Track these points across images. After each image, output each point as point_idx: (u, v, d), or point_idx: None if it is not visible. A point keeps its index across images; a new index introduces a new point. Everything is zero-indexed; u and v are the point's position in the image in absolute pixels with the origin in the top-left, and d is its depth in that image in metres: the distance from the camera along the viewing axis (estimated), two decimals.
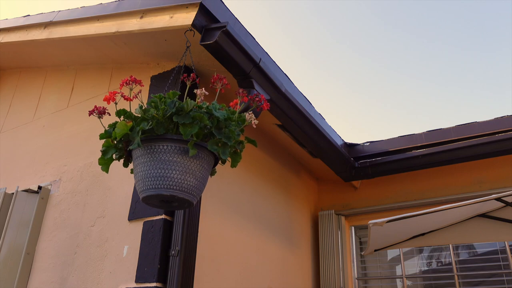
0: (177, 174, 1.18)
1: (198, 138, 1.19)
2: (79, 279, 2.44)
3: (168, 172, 1.18)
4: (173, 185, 1.17)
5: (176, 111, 1.19)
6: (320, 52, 15.43)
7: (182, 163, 1.19)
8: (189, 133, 1.16)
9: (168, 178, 1.18)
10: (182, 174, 1.19)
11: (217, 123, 1.22)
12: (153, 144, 1.20)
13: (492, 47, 12.73)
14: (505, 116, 3.34)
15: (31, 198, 2.87)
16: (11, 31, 3.39)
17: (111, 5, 2.70)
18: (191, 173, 1.20)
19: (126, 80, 1.29)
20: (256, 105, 1.33)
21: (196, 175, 1.21)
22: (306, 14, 13.84)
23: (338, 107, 16.07)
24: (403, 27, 13.62)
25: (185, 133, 1.16)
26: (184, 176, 1.19)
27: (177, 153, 1.19)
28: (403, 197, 3.85)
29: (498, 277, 3.52)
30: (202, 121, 1.18)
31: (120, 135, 1.23)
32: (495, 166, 3.56)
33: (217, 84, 1.35)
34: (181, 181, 1.18)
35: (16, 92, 3.93)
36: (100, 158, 1.28)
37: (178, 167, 1.18)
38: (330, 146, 3.42)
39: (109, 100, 1.27)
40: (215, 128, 1.21)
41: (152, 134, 1.19)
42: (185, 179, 1.19)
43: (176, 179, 1.18)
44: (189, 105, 1.19)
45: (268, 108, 1.36)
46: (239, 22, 2.44)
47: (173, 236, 2.23)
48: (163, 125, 1.20)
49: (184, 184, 1.19)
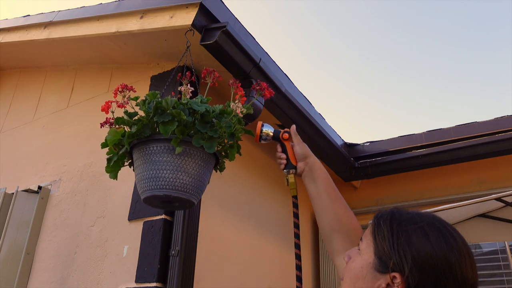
0: (168, 173, 1.18)
1: (184, 135, 1.18)
2: (79, 279, 2.44)
3: (160, 173, 1.17)
4: (165, 185, 1.17)
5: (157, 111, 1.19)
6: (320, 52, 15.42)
7: (172, 162, 1.18)
8: (169, 130, 1.15)
9: (160, 178, 1.17)
10: (174, 173, 1.18)
11: (200, 117, 1.21)
12: (145, 146, 1.20)
13: (492, 47, 12.72)
14: (505, 116, 3.34)
15: (31, 198, 2.87)
16: (11, 31, 3.39)
17: (111, 5, 2.70)
18: (183, 171, 1.19)
19: (118, 88, 1.28)
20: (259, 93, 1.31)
21: (189, 173, 1.20)
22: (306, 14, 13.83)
23: (338, 107, 16.06)
24: (403, 27, 13.61)
25: (165, 131, 1.15)
26: (176, 174, 1.18)
27: (166, 152, 1.18)
28: (403, 197, 3.85)
29: (498, 277, 3.52)
30: (180, 117, 1.17)
31: (112, 143, 1.23)
32: (495, 166, 3.56)
33: (208, 79, 1.34)
34: (173, 180, 1.18)
35: (16, 92, 3.93)
36: (107, 166, 1.28)
37: (169, 166, 1.18)
38: (330, 146, 3.42)
39: (106, 110, 1.27)
40: (199, 122, 1.20)
41: (141, 137, 1.19)
42: (177, 177, 1.18)
43: (168, 178, 1.17)
44: (169, 104, 1.19)
45: (272, 95, 1.34)
46: (239, 22, 2.44)
47: (173, 236, 2.23)
48: (148, 126, 1.19)
49: (177, 183, 1.18)
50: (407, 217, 0.75)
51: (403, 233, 0.71)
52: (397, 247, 0.70)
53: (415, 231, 0.71)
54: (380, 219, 0.77)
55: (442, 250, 0.69)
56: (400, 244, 0.70)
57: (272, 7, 15.32)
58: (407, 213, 0.76)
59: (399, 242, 0.71)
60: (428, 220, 0.74)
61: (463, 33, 13.60)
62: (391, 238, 0.72)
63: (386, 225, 0.75)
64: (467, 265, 0.70)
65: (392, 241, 0.71)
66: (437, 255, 0.68)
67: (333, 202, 1.08)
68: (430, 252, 0.68)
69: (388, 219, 0.76)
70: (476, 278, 0.71)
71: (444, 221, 0.75)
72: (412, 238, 0.70)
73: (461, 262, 0.69)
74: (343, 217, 1.05)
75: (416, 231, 0.71)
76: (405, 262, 0.68)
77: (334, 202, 1.08)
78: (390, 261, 0.70)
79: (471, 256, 0.72)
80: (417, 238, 0.70)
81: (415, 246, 0.69)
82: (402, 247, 0.70)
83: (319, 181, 1.11)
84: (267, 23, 14.81)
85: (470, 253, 0.72)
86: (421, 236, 0.70)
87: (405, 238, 0.71)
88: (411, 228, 0.72)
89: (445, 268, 0.68)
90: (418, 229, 0.71)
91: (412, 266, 0.68)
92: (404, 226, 0.73)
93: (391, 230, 0.73)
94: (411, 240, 0.70)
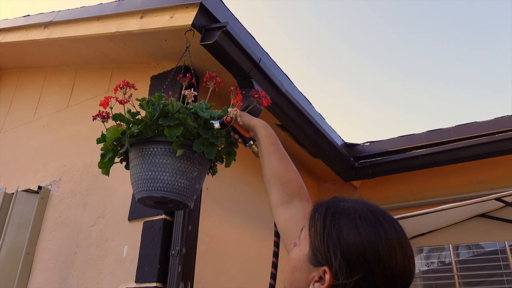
0: (167, 175, 1.18)
1: (185, 138, 1.19)
2: (79, 279, 2.44)
3: (158, 174, 1.18)
4: (163, 187, 1.18)
5: (162, 113, 1.19)
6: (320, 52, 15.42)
7: (172, 164, 1.19)
8: (174, 134, 1.16)
9: (159, 180, 1.18)
10: (173, 176, 1.19)
11: (203, 123, 1.21)
12: (144, 147, 1.20)
13: (492, 47, 12.72)
14: (505, 116, 3.34)
15: (31, 198, 2.87)
16: (11, 31, 3.39)
17: (111, 5, 2.70)
18: (182, 174, 1.20)
19: (119, 85, 1.28)
20: (257, 101, 1.32)
21: (187, 176, 1.21)
22: (306, 14, 13.82)
23: (338, 107, 16.06)
24: (403, 27, 13.61)
25: (170, 135, 1.16)
26: (175, 177, 1.19)
27: (166, 155, 1.19)
28: (403, 197, 3.86)
29: (498, 277, 3.53)
30: (187, 122, 1.18)
31: (111, 140, 1.23)
32: (495, 166, 3.56)
33: (209, 83, 1.34)
34: (172, 183, 1.18)
35: (16, 92, 3.93)
36: (100, 162, 1.28)
37: (168, 168, 1.18)
38: (330, 146, 3.42)
39: (105, 105, 1.27)
40: (202, 128, 1.20)
41: (142, 137, 1.20)
42: (176, 180, 1.19)
43: (166, 180, 1.18)
44: (174, 107, 1.19)
45: (269, 104, 1.34)
46: (239, 22, 2.44)
47: (173, 236, 2.23)
48: (151, 127, 1.20)
49: (175, 186, 1.19)
50: (341, 209, 0.75)
51: (334, 226, 0.72)
52: (327, 241, 0.71)
53: (346, 224, 0.71)
54: (316, 211, 0.77)
55: (370, 242, 0.68)
56: (330, 238, 0.71)
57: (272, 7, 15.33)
58: (342, 204, 0.76)
59: (329, 236, 0.71)
60: (361, 211, 0.73)
61: (463, 33, 13.61)
62: (323, 232, 0.72)
63: (320, 217, 0.75)
64: (397, 257, 0.69)
65: (323, 235, 0.72)
66: (366, 248, 0.68)
67: (270, 155, 1.09)
68: (358, 245, 0.68)
69: (323, 211, 0.76)
70: (409, 269, 0.70)
71: (380, 211, 0.74)
72: (342, 231, 0.70)
73: (390, 253, 0.69)
74: (278, 170, 1.06)
75: (347, 223, 0.71)
76: (333, 256, 0.69)
77: (271, 155, 1.09)
78: (321, 255, 0.71)
79: (405, 246, 0.71)
80: (348, 231, 0.70)
81: (344, 240, 0.69)
82: (332, 241, 0.70)
83: (260, 140, 1.13)
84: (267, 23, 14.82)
85: (404, 244, 0.71)
86: (351, 229, 0.70)
87: (335, 231, 0.71)
88: (342, 221, 0.72)
89: (373, 260, 0.68)
90: (350, 221, 0.71)
91: (340, 260, 0.68)
92: (336, 218, 0.73)
93: (324, 223, 0.73)
94: (342, 233, 0.70)
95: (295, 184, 1.05)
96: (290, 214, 1.00)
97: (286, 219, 1.00)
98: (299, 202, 1.02)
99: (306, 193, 1.06)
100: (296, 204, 1.02)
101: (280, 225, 1.01)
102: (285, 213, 1.01)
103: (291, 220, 0.99)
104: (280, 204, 1.02)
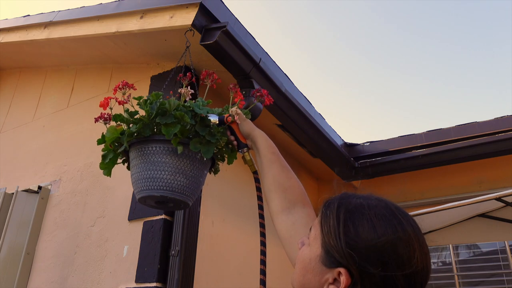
0: (167, 174, 1.18)
1: (183, 136, 1.18)
2: (79, 279, 2.44)
3: (158, 173, 1.17)
4: (163, 186, 1.17)
5: (159, 112, 1.19)
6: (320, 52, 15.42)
7: (172, 163, 1.18)
8: (171, 132, 1.15)
9: (159, 179, 1.17)
10: (172, 175, 1.18)
11: (200, 120, 1.21)
12: (143, 146, 1.20)
13: (492, 47, 12.72)
14: (505, 116, 3.34)
15: (31, 198, 2.87)
16: (11, 31, 3.39)
17: (111, 5, 2.70)
18: (181, 173, 1.19)
19: (118, 85, 1.28)
20: (259, 100, 1.32)
21: (187, 175, 1.20)
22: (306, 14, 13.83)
23: (338, 107, 16.06)
24: (404, 27, 13.61)
25: (168, 133, 1.16)
26: (175, 176, 1.18)
27: (165, 154, 1.18)
28: (403, 197, 3.85)
29: (498, 277, 3.53)
30: (184, 119, 1.17)
31: (111, 140, 1.23)
32: (495, 166, 3.56)
33: (206, 80, 1.34)
34: (171, 182, 1.18)
35: (16, 92, 3.93)
36: (101, 163, 1.28)
37: (168, 167, 1.18)
38: (330, 146, 3.42)
39: (105, 106, 1.27)
40: (199, 125, 1.20)
41: (141, 137, 1.19)
42: (175, 179, 1.18)
43: (166, 179, 1.17)
44: (172, 105, 1.19)
45: (272, 102, 1.34)
46: (239, 22, 2.44)
47: (173, 236, 2.23)
48: (148, 126, 1.19)
49: (175, 184, 1.18)
50: (354, 205, 0.71)
51: (349, 225, 0.68)
52: (343, 241, 0.67)
53: (361, 221, 0.68)
54: (327, 209, 0.74)
55: (388, 241, 0.66)
56: (346, 237, 0.67)
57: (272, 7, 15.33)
58: (355, 201, 0.73)
59: (345, 235, 0.68)
60: (376, 208, 0.70)
61: (464, 33, 13.61)
62: (337, 231, 0.69)
63: (332, 215, 0.71)
64: (416, 255, 0.67)
65: (338, 235, 0.68)
66: (384, 246, 0.65)
67: (272, 163, 1.09)
68: (376, 244, 0.65)
69: (335, 208, 0.72)
70: (426, 266, 0.68)
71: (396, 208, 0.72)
72: (358, 230, 0.67)
73: (410, 251, 0.66)
74: (280, 177, 1.06)
75: (362, 221, 0.68)
76: (349, 256, 0.66)
77: (272, 163, 1.09)
78: (336, 256, 0.68)
79: (422, 244, 0.69)
80: (363, 229, 0.67)
81: (361, 238, 0.66)
82: (347, 241, 0.67)
83: (260, 150, 1.13)
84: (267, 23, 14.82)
85: (421, 241, 0.69)
86: (368, 227, 0.67)
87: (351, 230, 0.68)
88: (357, 218, 0.69)
89: (392, 259, 0.65)
90: (365, 218, 0.68)
91: (357, 260, 0.65)
92: (350, 216, 0.69)
93: (337, 221, 0.70)
94: (358, 232, 0.67)
95: (297, 191, 1.05)
96: (293, 220, 0.98)
97: (288, 225, 0.99)
98: (301, 208, 1.01)
99: (308, 200, 1.05)
100: (299, 210, 1.00)
101: (282, 231, 1.00)
102: (287, 219, 0.99)
103: (293, 226, 0.98)
104: (282, 210, 1.01)
